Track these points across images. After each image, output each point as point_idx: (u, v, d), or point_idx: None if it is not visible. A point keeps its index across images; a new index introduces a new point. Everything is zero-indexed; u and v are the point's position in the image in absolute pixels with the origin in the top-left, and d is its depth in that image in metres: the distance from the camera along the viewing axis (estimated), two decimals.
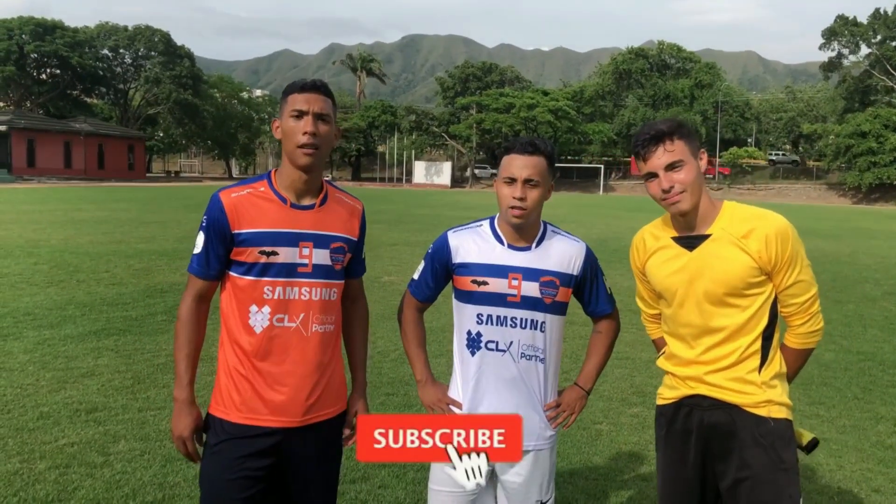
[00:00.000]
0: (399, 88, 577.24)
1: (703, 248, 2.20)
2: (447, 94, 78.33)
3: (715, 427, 2.22)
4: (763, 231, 2.13)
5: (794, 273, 2.16)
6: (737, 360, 2.18)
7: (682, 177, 2.14)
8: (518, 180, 2.27)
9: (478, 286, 2.33)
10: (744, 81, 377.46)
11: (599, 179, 66.07)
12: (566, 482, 3.98)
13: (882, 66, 62.64)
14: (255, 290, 2.18)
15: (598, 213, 30.56)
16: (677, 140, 2.15)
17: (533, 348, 2.35)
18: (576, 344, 7.08)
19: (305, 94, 2.17)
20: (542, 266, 2.35)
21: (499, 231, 2.40)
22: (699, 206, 2.19)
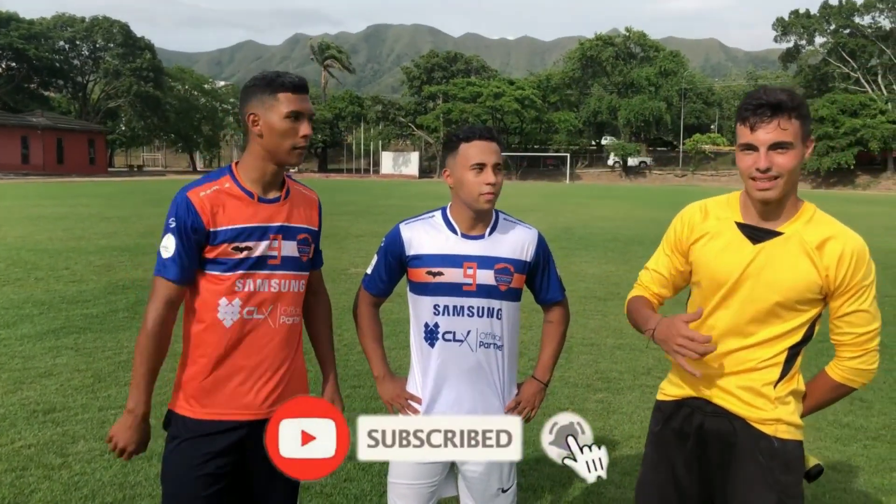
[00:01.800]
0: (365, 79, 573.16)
1: (769, 245, 1.96)
2: (413, 83, 77.98)
3: (715, 435, 2.06)
4: (840, 246, 1.91)
5: (858, 301, 1.94)
6: (754, 367, 1.99)
7: (784, 161, 1.87)
8: (488, 165, 2.28)
9: (433, 277, 2.32)
10: (706, 68, 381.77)
11: (565, 168, 66.40)
12: (532, 469, 4.00)
13: (837, 53, 63.84)
14: (227, 284, 2.17)
15: (565, 202, 30.74)
16: (795, 119, 1.86)
17: (491, 336, 2.35)
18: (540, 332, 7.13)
19: (300, 94, 2.17)
20: (497, 253, 2.35)
21: (452, 221, 2.38)
22: (785, 199, 1.95)
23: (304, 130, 2.17)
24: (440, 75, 77.23)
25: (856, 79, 63.54)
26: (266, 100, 2.16)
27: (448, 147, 2.37)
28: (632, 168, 67.81)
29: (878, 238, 16.62)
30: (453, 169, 2.34)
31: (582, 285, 9.74)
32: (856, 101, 57.64)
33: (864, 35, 63.14)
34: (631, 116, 66.52)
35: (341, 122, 75.34)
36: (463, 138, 2.31)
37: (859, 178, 59.03)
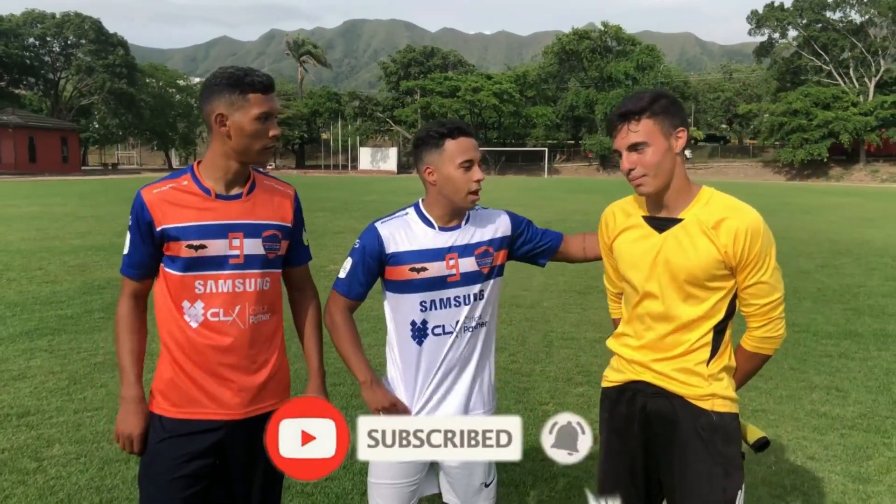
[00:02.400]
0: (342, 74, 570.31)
1: (671, 232, 2.12)
2: (391, 79, 77.71)
3: (657, 415, 2.18)
4: (734, 224, 2.05)
5: (758, 273, 2.08)
6: (686, 351, 2.13)
7: (644, 159, 2.07)
8: (475, 162, 2.28)
9: (417, 273, 2.30)
10: (682, 62, 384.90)
11: (544, 162, 66.59)
12: (513, 464, 4.00)
13: (810, 47, 64.58)
14: (187, 285, 2.14)
15: (544, 196, 30.84)
16: (645, 119, 2.05)
17: (475, 318, 2.37)
18: (523, 326, 7.14)
19: (269, 94, 2.13)
20: (475, 239, 2.37)
21: (427, 215, 2.37)
22: (671, 188, 2.11)
23: (273, 131, 2.14)
24: (417, 70, 77.03)
25: (828, 72, 64.29)
26: (235, 100, 2.09)
27: (429, 143, 2.32)
28: (608, 162, 68.15)
29: (852, 229, 16.87)
30: (438, 166, 2.30)
31: (561, 279, 9.77)
32: (828, 93, 58.36)
33: (835, 29, 63.88)
34: (608, 110, 66.67)
35: (318, 119, 74.90)
36: (448, 134, 2.28)
37: (832, 170, 59.83)
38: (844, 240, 14.51)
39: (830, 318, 7.60)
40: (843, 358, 6.14)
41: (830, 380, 5.52)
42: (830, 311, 7.95)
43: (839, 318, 7.62)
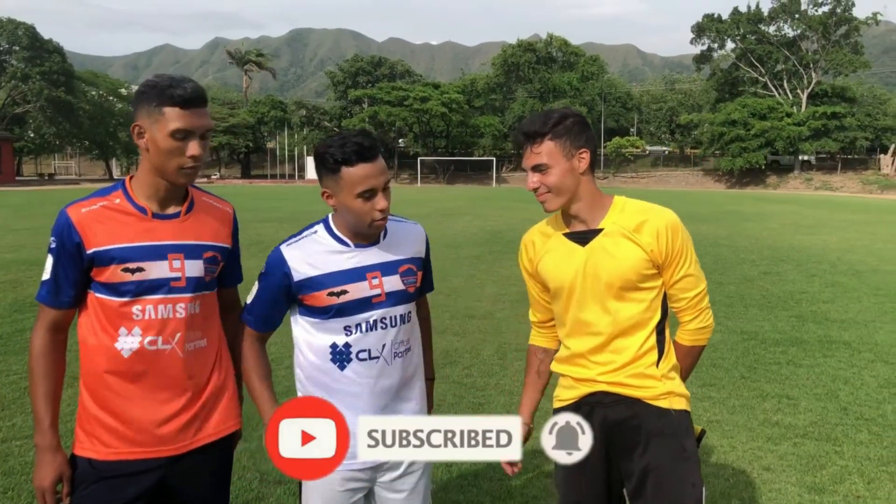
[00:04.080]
0: (288, 83, 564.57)
1: (595, 242, 2.16)
2: (338, 88, 77.27)
3: (619, 423, 2.17)
4: (654, 224, 2.12)
5: (683, 267, 2.16)
6: (634, 357, 2.16)
7: (547, 179, 2.12)
8: (378, 190, 2.06)
9: (337, 297, 2.10)
10: (624, 73, 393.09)
11: (492, 172, 66.98)
12: (470, 485, 3.89)
13: (747, 58, 66.72)
14: (123, 311, 1.96)
15: (493, 206, 30.93)
16: (547, 141, 2.10)
17: (403, 343, 2.23)
18: (476, 338, 7.05)
19: (191, 109, 1.91)
20: (398, 256, 2.21)
21: (339, 234, 2.17)
22: (583, 203, 2.16)
23: (192, 150, 1.93)
24: (365, 80, 76.79)
25: (764, 83, 66.46)
26: (152, 112, 1.91)
27: (324, 166, 2.07)
28: None
29: (791, 236, 17.36)
30: (335, 192, 2.08)
31: (513, 289, 9.72)
32: (764, 104, 60.28)
33: (770, 42, 66.14)
34: None
35: (264, 127, 73.87)
36: (343, 160, 2.02)
37: (769, 178, 61.73)
38: (784, 247, 14.89)
39: (777, 326, 7.73)
40: (792, 365, 6.22)
41: (781, 388, 5.58)
42: (776, 319, 8.09)
43: (785, 326, 7.75)
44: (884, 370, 6.08)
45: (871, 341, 7.07)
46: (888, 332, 7.50)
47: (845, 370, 6.06)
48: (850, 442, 4.52)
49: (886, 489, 3.89)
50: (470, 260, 12.52)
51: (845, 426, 4.78)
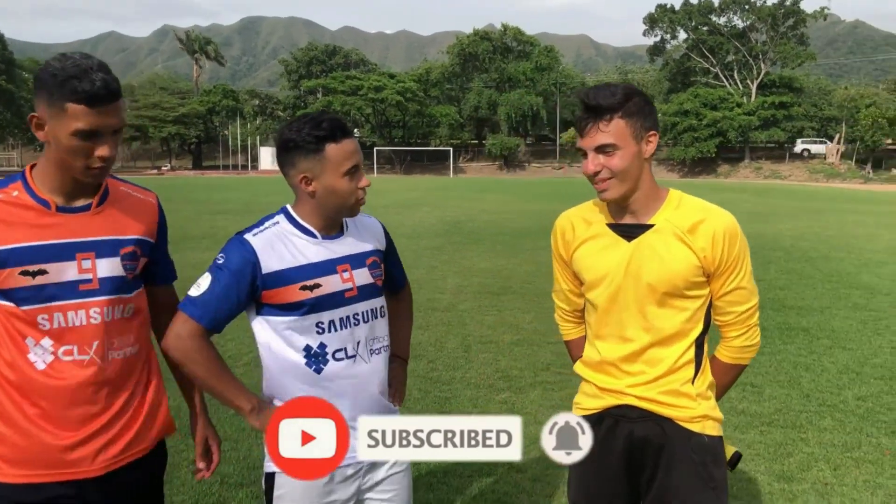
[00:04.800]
0: (240, 72, 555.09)
1: (642, 239, 1.94)
2: (291, 76, 76.23)
3: (645, 440, 1.99)
4: (711, 226, 1.91)
5: (736, 278, 1.95)
6: (670, 370, 1.96)
7: (611, 162, 1.86)
8: (360, 166, 1.99)
9: (310, 292, 1.95)
10: (578, 64, 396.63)
11: (449, 162, 66.91)
12: (440, 482, 3.80)
13: (699, 49, 67.90)
14: (28, 319, 1.73)
15: (450, 196, 30.87)
16: (617, 119, 1.85)
17: (378, 339, 2.11)
18: (440, 331, 6.95)
19: (99, 107, 1.65)
20: (363, 248, 2.10)
21: (305, 224, 2.02)
22: (639, 193, 1.94)
23: (101, 151, 1.70)
24: (319, 69, 75.90)
25: (715, 73, 67.80)
26: (54, 104, 1.65)
27: (303, 147, 1.93)
28: (512, 161, 69.26)
29: (745, 225, 17.18)
30: (319, 174, 1.94)
31: (476, 280, 9.65)
32: (716, 94, 61.51)
33: (720, 33, 67.45)
34: (510, 111, 67.83)
35: (216, 117, 72.53)
36: (329, 137, 1.91)
37: (720, 167, 63.06)
38: None
39: None
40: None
41: (744, 375, 5.51)
42: None
43: None
44: (842, 356, 6.17)
45: (828, 327, 7.18)
46: (843, 318, 7.64)
47: (805, 357, 6.14)
48: (815, 429, 4.55)
49: (852, 476, 3.91)
50: (430, 251, 12.42)
51: (809, 413, 4.82)
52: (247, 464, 3.96)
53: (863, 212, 23.19)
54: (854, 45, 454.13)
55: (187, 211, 20.78)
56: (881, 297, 8.81)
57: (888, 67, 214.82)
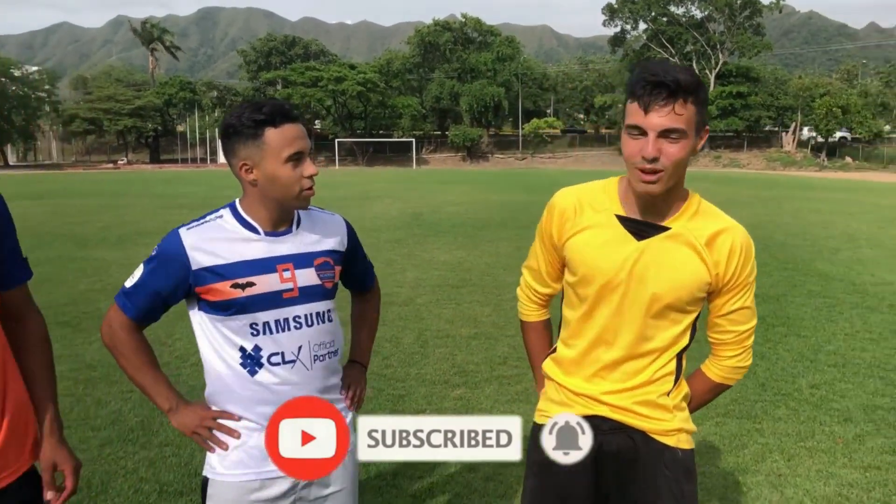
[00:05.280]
0: (198, 64, 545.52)
1: (655, 241, 1.75)
2: (250, 67, 75.10)
3: (615, 453, 1.86)
4: (730, 240, 1.75)
5: (743, 297, 1.81)
6: (648, 381, 1.83)
7: (674, 151, 1.64)
8: (306, 154, 1.86)
9: (242, 290, 1.85)
10: (540, 54, 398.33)
11: (412, 153, 66.62)
12: (389, 486, 3.67)
13: (658, 39, 68.61)
14: None
15: (413, 187, 30.69)
16: (692, 104, 1.63)
17: (324, 346, 1.98)
18: (397, 326, 6.82)
19: None
20: (313, 247, 1.97)
21: (248, 219, 1.91)
22: (673, 192, 1.74)
23: None
24: (278, 60, 74.94)
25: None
26: None
27: (242, 133, 1.82)
28: (475, 152, 69.21)
29: None
30: (259, 162, 1.83)
31: (435, 273, 9.53)
32: None
33: (679, 23, 68.24)
34: (472, 102, 67.75)
35: (173, 110, 71.14)
36: (268, 121, 1.80)
37: None
38: None
39: None
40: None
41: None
42: None
43: None
44: (796, 343, 6.20)
45: (783, 315, 7.23)
46: (798, 305, 7.70)
47: (761, 345, 6.14)
48: (770, 419, 4.54)
49: (806, 465, 3.89)
50: (390, 244, 12.26)
51: (764, 402, 4.81)
52: (188, 470, 3.79)
53: (818, 199, 23.66)
54: (809, 36, 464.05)
55: (142, 206, 20.33)
56: (835, 283, 8.92)
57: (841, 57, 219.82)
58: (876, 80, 73.99)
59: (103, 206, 20.29)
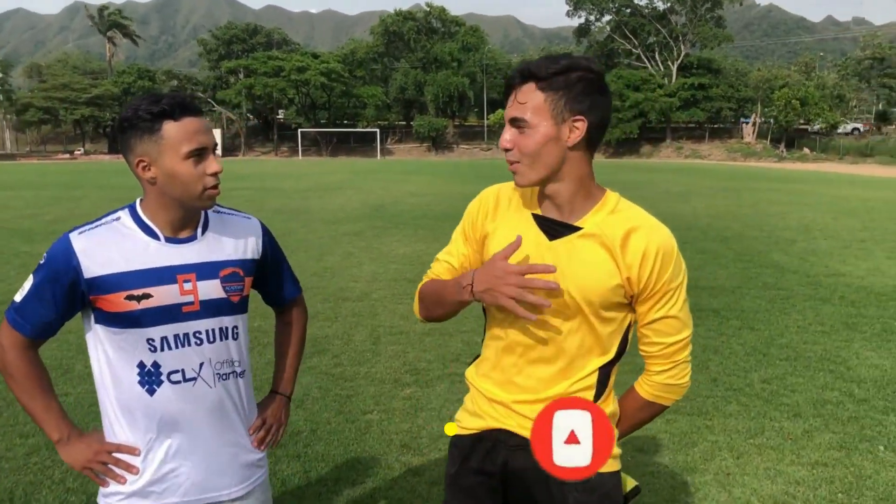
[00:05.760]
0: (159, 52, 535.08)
1: (566, 241, 1.65)
2: (211, 56, 73.72)
3: (522, 473, 1.75)
4: (644, 241, 1.62)
5: (666, 305, 1.65)
6: (564, 393, 1.70)
7: (522, 141, 1.59)
8: (209, 149, 1.71)
9: (138, 302, 1.69)
10: (505, 45, 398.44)
11: (377, 144, 66.13)
12: (330, 491, 3.54)
13: (621, 30, 69.04)
14: None
15: (376, 178, 30.43)
16: (538, 91, 1.56)
17: (229, 364, 1.83)
18: (349, 322, 6.67)
19: None
20: (219, 256, 1.80)
21: (148, 222, 1.75)
22: (562, 187, 1.63)
23: None
24: (240, 48, 73.65)
25: (637, 55, 69.10)
26: None
27: (138, 126, 1.67)
28: (440, 143, 69.00)
29: (665, 204, 17.94)
30: (157, 158, 1.67)
31: (392, 267, 9.39)
32: (638, 76, 62.75)
33: (642, 15, 68.74)
34: (437, 91, 67.45)
35: (131, 99, 69.40)
36: (166, 113, 1.65)
37: (643, 148, 64.44)
38: (657, 215, 14.96)
39: None
40: None
41: None
42: None
43: None
44: (750, 337, 6.20)
45: (737, 308, 7.24)
46: (753, 297, 7.73)
47: (714, 339, 6.14)
48: (720, 415, 4.50)
49: (754, 463, 3.85)
50: (349, 237, 12.08)
51: (715, 398, 4.77)
52: None
53: (776, 189, 24.00)
54: (768, 28, 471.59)
55: (96, 198, 19.80)
56: (790, 275, 8.99)
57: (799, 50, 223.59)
58: (833, 73, 75.42)
59: (55, 198, 19.72)
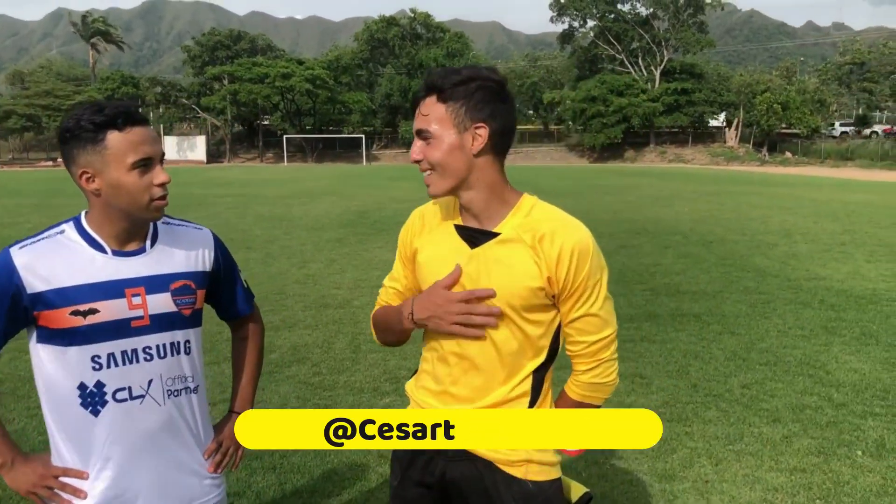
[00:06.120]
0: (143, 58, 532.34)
1: (486, 248, 1.69)
2: (195, 62, 73.34)
3: (460, 484, 1.75)
4: (559, 240, 1.65)
5: (586, 304, 1.68)
6: (502, 400, 1.71)
7: (428, 152, 1.65)
8: (155, 160, 1.67)
9: (83, 318, 1.64)
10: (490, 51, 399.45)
11: (362, 149, 66.00)
12: (306, 503, 3.51)
13: (605, 36, 69.43)
14: None
15: (361, 184, 30.35)
16: (439, 103, 1.63)
17: (181, 380, 1.79)
18: (330, 330, 6.62)
19: None
20: (169, 269, 1.76)
21: (94, 234, 1.71)
22: (475, 195, 1.68)
23: None
24: (224, 55, 73.29)
25: (621, 60, 69.49)
26: None
27: (80, 137, 1.62)
28: None
29: (647, 209, 18.02)
30: (101, 169, 1.63)
31: (375, 273, 9.34)
32: (622, 81, 63.04)
33: (625, 20, 69.16)
34: None
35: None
36: (109, 123, 1.61)
37: (627, 153, 64.73)
38: (641, 219, 15.41)
39: (632, 301, 7.80)
40: (645, 342, 6.24)
41: (634, 366, 5.54)
42: (631, 293, 8.18)
43: (639, 300, 7.84)
44: (730, 342, 6.22)
45: (718, 312, 7.26)
46: (734, 301, 7.76)
47: (695, 344, 6.15)
48: (700, 421, 4.50)
49: (733, 470, 3.85)
50: (332, 243, 12.03)
51: (695, 404, 4.77)
52: None
53: (758, 193, 24.16)
54: (750, 34, 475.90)
55: (78, 206, 19.47)
56: (770, 278, 9.04)
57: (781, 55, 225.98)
58: (814, 77, 76.16)
59: (36, 206, 19.50)
